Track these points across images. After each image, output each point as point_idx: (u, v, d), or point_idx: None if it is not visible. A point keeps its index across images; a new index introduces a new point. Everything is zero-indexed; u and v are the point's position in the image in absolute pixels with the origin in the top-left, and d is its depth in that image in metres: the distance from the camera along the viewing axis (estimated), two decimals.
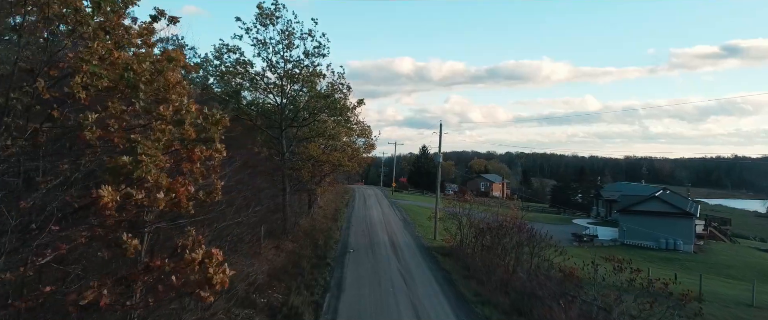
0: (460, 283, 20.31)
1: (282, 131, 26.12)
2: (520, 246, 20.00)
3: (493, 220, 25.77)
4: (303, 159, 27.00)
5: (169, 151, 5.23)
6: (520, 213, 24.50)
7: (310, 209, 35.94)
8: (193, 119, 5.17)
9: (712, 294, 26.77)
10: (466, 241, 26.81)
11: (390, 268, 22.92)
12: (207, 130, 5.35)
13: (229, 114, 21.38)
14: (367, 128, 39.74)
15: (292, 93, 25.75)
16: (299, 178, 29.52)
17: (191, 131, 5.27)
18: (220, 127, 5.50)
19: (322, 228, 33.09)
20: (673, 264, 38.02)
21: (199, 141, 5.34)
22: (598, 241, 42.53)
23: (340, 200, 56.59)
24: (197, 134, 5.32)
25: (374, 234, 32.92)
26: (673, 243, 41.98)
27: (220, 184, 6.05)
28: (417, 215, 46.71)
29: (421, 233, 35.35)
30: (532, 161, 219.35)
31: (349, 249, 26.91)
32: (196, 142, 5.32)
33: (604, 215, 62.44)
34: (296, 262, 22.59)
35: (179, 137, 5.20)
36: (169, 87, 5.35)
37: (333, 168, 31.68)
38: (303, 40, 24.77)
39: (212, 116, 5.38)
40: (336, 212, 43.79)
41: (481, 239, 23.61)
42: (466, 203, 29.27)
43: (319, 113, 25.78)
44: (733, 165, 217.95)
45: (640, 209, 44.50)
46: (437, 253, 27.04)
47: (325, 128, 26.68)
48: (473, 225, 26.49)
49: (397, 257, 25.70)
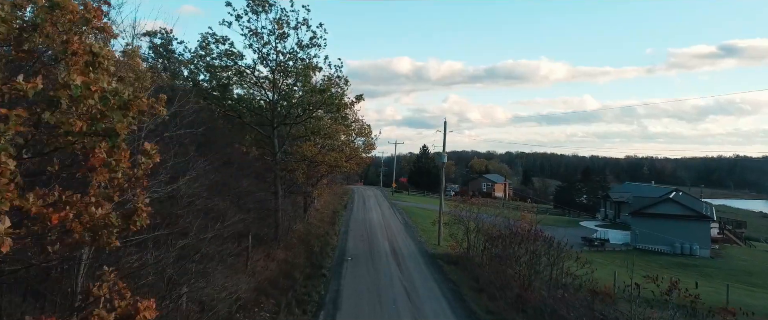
0: (469, 298, 18.24)
1: (274, 128, 24.01)
2: (536, 255, 17.89)
3: (503, 225, 23.69)
4: (297, 159, 24.84)
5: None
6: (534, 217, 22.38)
7: (306, 212, 33.81)
8: (77, 91, 3.07)
9: (739, 304, 24.75)
10: (474, 248, 24.71)
11: (392, 280, 20.84)
12: (107, 116, 3.28)
13: (218, 111, 18.97)
14: (367, 127, 37.58)
15: (285, 88, 23.61)
16: (293, 180, 27.40)
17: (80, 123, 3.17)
18: (131, 114, 3.40)
19: (318, 233, 30.98)
20: (691, 270, 35.93)
21: (92, 134, 3.25)
22: (610, 246, 40.38)
23: (338, 202, 54.45)
24: (90, 123, 3.24)
25: (374, 240, 30.81)
26: (689, 248, 39.83)
27: (144, 203, 3.93)
28: (419, 218, 44.57)
29: (423, 238, 33.23)
30: (532, 160, 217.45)
31: (346, 257, 24.83)
32: (87, 136, 3.24)
33: (612, 218, 60.26)
34: (288, 273, 20.48)
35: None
36: None
37: (330, 169, 29.53)
38: (296, 30, 22.71)
39: (116, 94, 3.28)
40: (334, 215, 41.66)
41: (492, 247, 21.49)
42: (473, 206, 27.18)
43: (315, 110, 23.66)
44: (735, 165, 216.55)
45: (653, 212, 42.29)
46: (442, 261, 24.94)
47: (321, 125, 24.54)
48: (481, 231, 24.42)
49: (399, 266, 23.60)
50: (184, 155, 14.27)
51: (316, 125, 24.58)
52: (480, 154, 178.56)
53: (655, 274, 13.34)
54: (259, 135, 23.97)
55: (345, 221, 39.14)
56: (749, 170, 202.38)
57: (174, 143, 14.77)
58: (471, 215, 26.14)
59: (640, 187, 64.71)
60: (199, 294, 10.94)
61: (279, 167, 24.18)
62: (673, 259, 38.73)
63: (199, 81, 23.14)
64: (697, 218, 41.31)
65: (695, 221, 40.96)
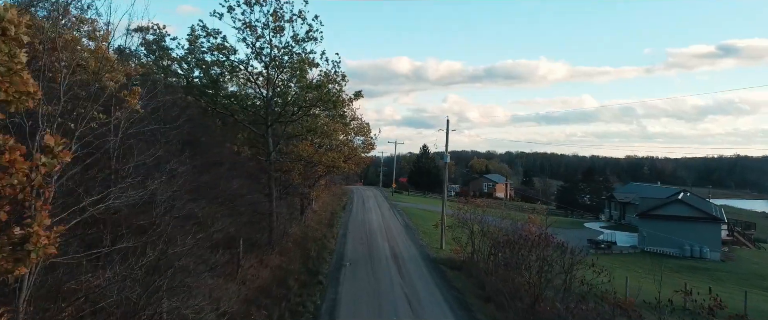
0: (476, 308, 17.03)
1: (268, 127, 22.73)
2: (548, 263, 16.63)
3: (510, 228, 22.48)
4: (293, 160, 23.55)
5: None
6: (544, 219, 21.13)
7: (303, 214, 32.54)
8: None
9: (758, 312, 23.56)
10: (479, 253, 23.48)
11: (392, 287, 19.61)
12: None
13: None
14: (366, 126, 36.22)
15: (279, 84, 22.33)
16: (289, 181, 26.14)
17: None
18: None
19: (315, 236, 29.73)
20: (702, 274, 34.69)
21: None
22: (617, 248, 39.11)
23: (336, 203, 53.19)
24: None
25: (374, 243, 29.56)
26: (699, 251, 38.54)
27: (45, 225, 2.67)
28: (419, 220, 43.29)
29: (425, 241, 31.98)
30: (532, 160, 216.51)
31: (345, 262, 23.59)
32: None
33: (617, 219, 58.91)
34: (282, 280, 19.24)
35: None
36: None
37: (327, 169, 28.23)
38: (291, 22, 21.44)
39: None
40: (332, 217, 40.39)
41: (500, 252, 20.24)
42: (478, 208, 25.95)
43: (311, 108, 22.39)
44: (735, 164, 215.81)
45: (661, 214, 40.98)
46: (446, 267, 23.72)
47: (317, 124, 23.24)
48: (487, 234, 23.19)
49: (400, 272, 22.37)
50: (169, 155, 13.04)
51: (313, 123, 23.28)
52: (480, 154, 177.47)
53: (684, 284, 12.13)
54: (253, 134, 22.69)
55: (343, 223, 37.88)
56: (750, 169, 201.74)
57: (155, 140, 13.54)
58: (475, 218, 24.91)
59: (646, 187, 63.31)
60: (179, 311, 9.69)
61: (273, 168, 22.93)
62: (683, 262, 37.46)
63: (193, 78, 21.84)
64: (707, 220, 40.01)
65: (705, 223, 39.64)
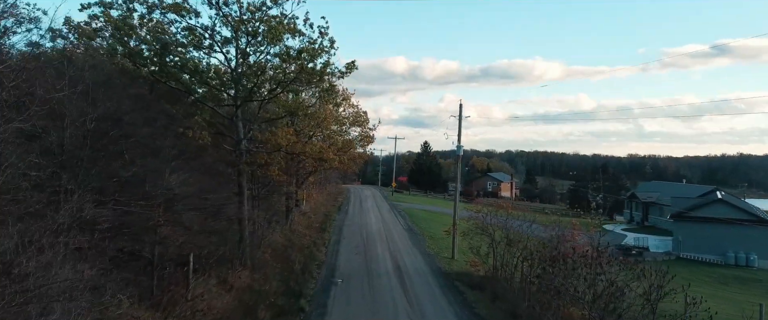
0: None
1: (237, 108, 17.81)
2: (619, 289, 11.73)
3: (547, 237, 17.60)
4: (270, 150, 18.60)
5: None
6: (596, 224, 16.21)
7: (288, 218, 27.56)
8: None
9: None
10: (505, 268, 18.62)
11: (396, 314, 14.81)
12: None
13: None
14: (363, 114, 31.24)
15: (250, 52, 17.36)
16: (268, 177, 21.16)
17: None
18: None
19: (302, 244, 24.81)
20: (754, 286, 29.86)
21: None
22: (650, 255, 34.25)
23: (331, 203, 48.22)
24: None
25: (372, 252, 24.65)
26: (745, 258, 33.70)
27: None
28: (424, 223, 38.31)
29: (433, 248, 27.02)
30: (533, 159, 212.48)
31: (336, 279, 18.72)
32: None
33: (639, 220, 53.93)
34: (249, 308, 14.31)
35: None
36: None
37: (317, 164, 23.18)
38: None
39: None
40: (325, 220, 35.45)
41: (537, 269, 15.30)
42: (501, 210, 21.07)
43: (290, 83, 17.44)
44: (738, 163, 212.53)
45: (698, 215, 36.09)
46: (463, 284, 18.84)
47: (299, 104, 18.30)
48: (513, 244, 18.32)
49: (406, 292, 17.52)
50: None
51: (295, 103, 18.30)
52: (479, 153, 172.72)
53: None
54: (216, 116, 17.73)
55: (337, 227, 32.93)
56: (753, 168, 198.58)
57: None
58: (498, 222, 20.02)
59: (670, 186, 58.28)
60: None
61: (244, 160, 17.99)
62: (727, 271, 32.62)
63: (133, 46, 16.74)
64: (754, 223, 35.09)
65: (752, 225, 34.72)
